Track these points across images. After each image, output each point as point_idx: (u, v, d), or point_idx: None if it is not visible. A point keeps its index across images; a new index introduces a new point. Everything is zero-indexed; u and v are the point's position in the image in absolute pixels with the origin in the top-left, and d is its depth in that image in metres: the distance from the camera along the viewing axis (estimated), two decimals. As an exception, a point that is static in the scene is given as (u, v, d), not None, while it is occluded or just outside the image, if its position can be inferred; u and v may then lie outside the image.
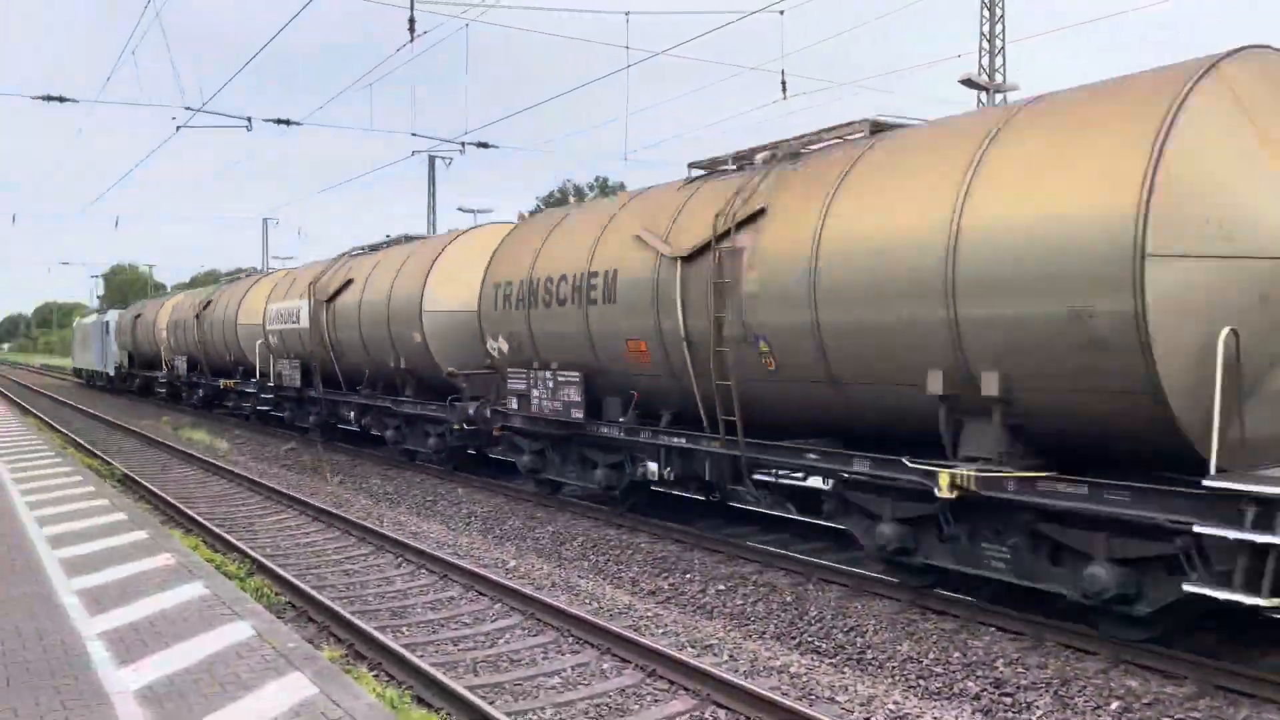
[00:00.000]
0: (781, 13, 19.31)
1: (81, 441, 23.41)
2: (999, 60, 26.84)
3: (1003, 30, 26.98)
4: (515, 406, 14.25)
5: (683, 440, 11.61)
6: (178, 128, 22.44)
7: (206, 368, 31.02)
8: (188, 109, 21.27)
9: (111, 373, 45.95)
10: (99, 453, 21.11)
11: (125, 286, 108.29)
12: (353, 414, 20.97)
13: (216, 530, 12.67)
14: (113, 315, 47.25)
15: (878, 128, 10.04)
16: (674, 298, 11.03)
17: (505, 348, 14.54)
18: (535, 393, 13.64)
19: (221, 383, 29.18)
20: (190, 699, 5.72)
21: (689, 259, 10.86)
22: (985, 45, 26.95)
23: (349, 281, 20.27)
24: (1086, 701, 6.89)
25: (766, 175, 10.56)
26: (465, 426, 15.98)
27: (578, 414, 12.86)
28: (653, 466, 12.06)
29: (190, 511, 14.07)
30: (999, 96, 24.36)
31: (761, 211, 10.11)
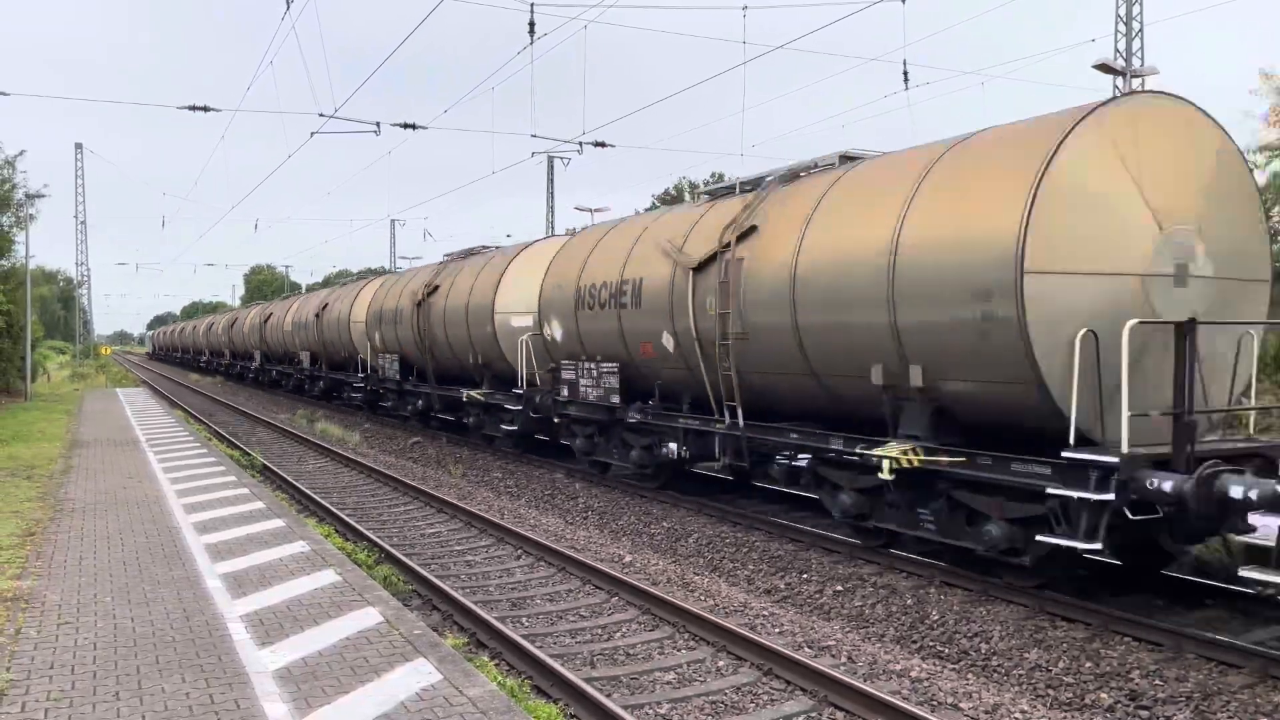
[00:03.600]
0: (904, 1, 18.86)
1: (223, 433, 24.73)
2: (1136, 44, 25.57)
3: (1141, 11, 25.70)
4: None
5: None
6: (311, 134, 23.46)
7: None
8: (321, 115, 22.18)
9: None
10: (240, 444, 22.25)
11: (264, 285, 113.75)
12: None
13: (348, 520, 13.20)
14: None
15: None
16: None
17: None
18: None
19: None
20: (323, 681, 5.97)
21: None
22: (1122, 28, 25.71)
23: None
24: (1231, 718, 6.53)
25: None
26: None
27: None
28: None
29: (324, 501, 14.69)
30: (1137, 81, 23.20)
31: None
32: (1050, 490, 8.23)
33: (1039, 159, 8.41)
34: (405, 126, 23.37)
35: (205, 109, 22.82)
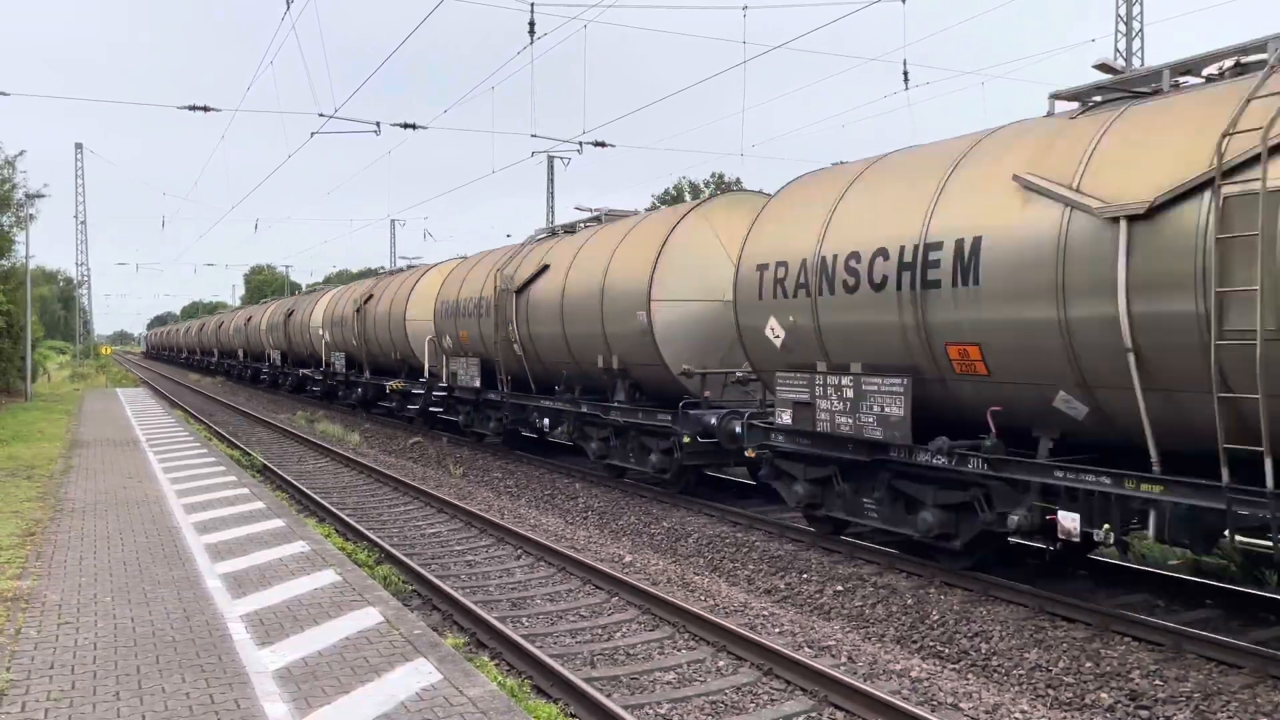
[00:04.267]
0: (904, 1, 18.87)
1: (223, 433, 24.74)
2: (1137, 43, 25.58)
3: (1141, 11, 25.70)
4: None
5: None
6: (311, 134, 23.46)
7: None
8: (321, 115, 22.18)
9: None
10: (240, 444, 22.25)
11: (264, 285, 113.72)
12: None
13: (348, 520, 13.20)
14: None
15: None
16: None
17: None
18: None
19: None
20: (323, 681, 5.97)
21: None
22: (1122, 28, 25.72)
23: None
24: (1231, 718, 6.53)
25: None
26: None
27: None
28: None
29: (324, 501, 14.69)
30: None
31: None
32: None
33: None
34: (405, 126, 23.39)
35: (205, 109, 22.83)
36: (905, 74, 20.05)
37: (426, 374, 23.21)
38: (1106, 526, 7.90)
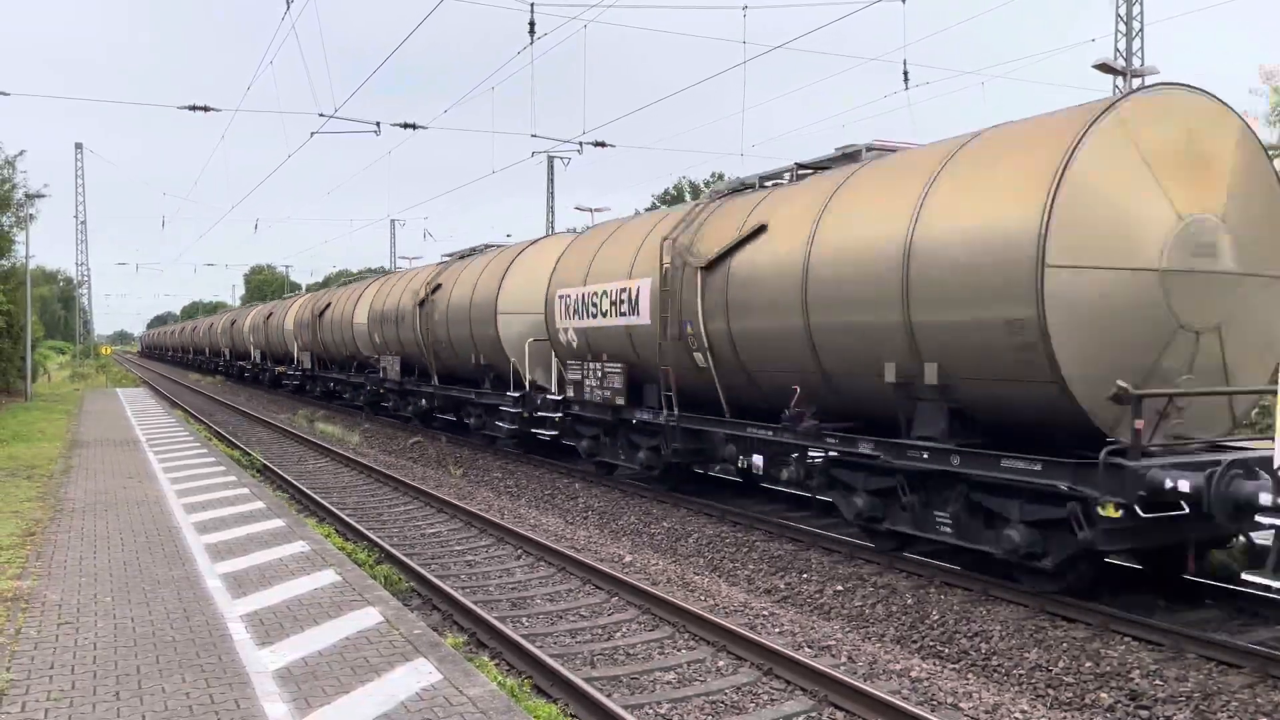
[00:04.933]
0: (904, 1, 18.86)
1: (223, 433, 24.73)
2: (1137, 43, 25.57)
3: (1141, 11, 25.70)
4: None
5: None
6: (311, 134, 23.47)
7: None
8: (321, 115, 22.18)
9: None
10: (240, 444, 22.25)
11: (264, 285, 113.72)
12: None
13: (348, 519, 13.20)
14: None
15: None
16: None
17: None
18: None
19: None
20: (323, 680, 5.97)
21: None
22: (1122, 28, 25.71)
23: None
24: (1231, 717, 6.53)
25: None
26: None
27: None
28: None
29: (324, 501, 14.69)
30: (1136, 81, 23.20)
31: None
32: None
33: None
34: (405, 126, 23.40)
35: (205, 109, 22.83)
36: (905, 74, 20.05)
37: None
38: None
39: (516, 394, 18.66)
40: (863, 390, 10.40)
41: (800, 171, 12.55)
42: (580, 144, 26.31)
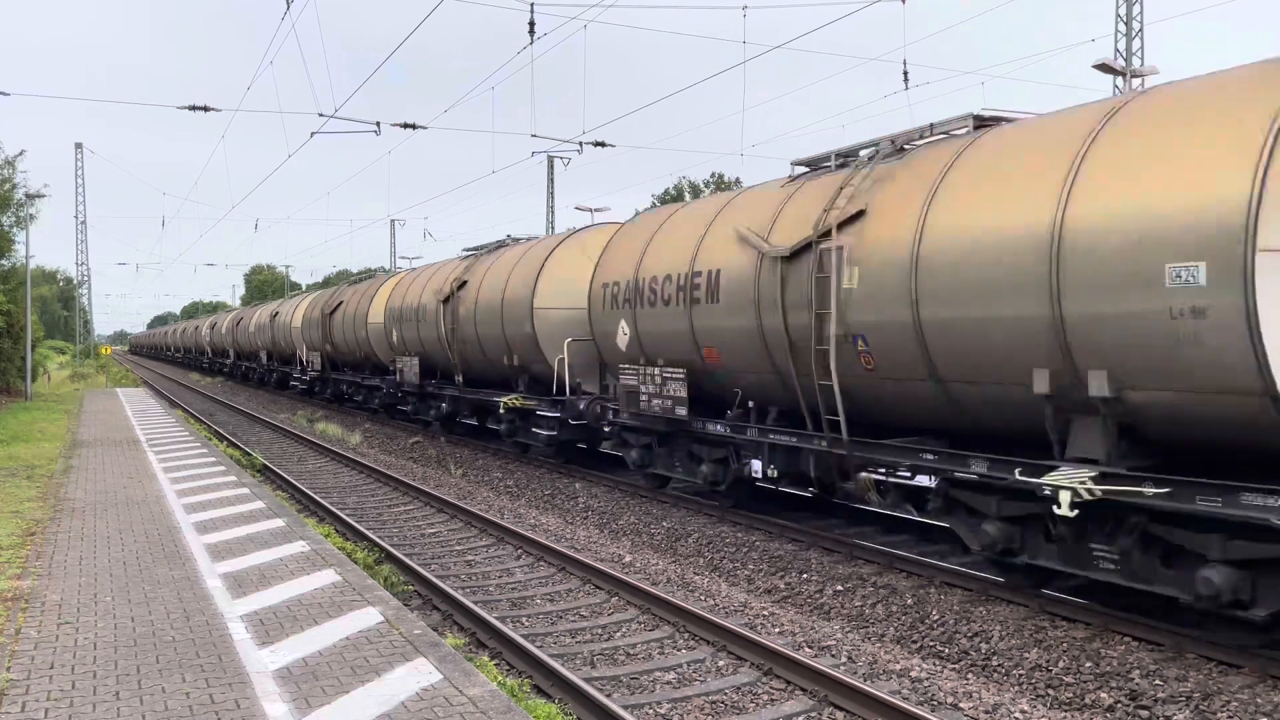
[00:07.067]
0: (903, 1, 18.86)
1: (223, 433, 24.73)
2: (1136, 44, 25.58)
3: (1141, 11, 25.70)
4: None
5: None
6: (311, 134, 23.45)
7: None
8: (321, 115, 22.16)
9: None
10: (240, 444, 22.25)
11: (264, 286, 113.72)
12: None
13: (348, 519, 13.20)
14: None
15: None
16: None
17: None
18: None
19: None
20: (323, 681, 5.97)
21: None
22: (1122, 28, 25.72)
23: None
24: (1231, 717, 6.53)
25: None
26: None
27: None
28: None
29: (324, 501, 14.69)
30: (1136, 81, 23.21)
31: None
32: None
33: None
34: (405, 126, 23.36)
35: (205, 109, 22.81)
36: (905, 74, 20.04)
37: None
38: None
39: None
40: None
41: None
42: (580, 144, 26.29)
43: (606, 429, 15.96)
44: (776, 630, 8.63)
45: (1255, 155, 6.61)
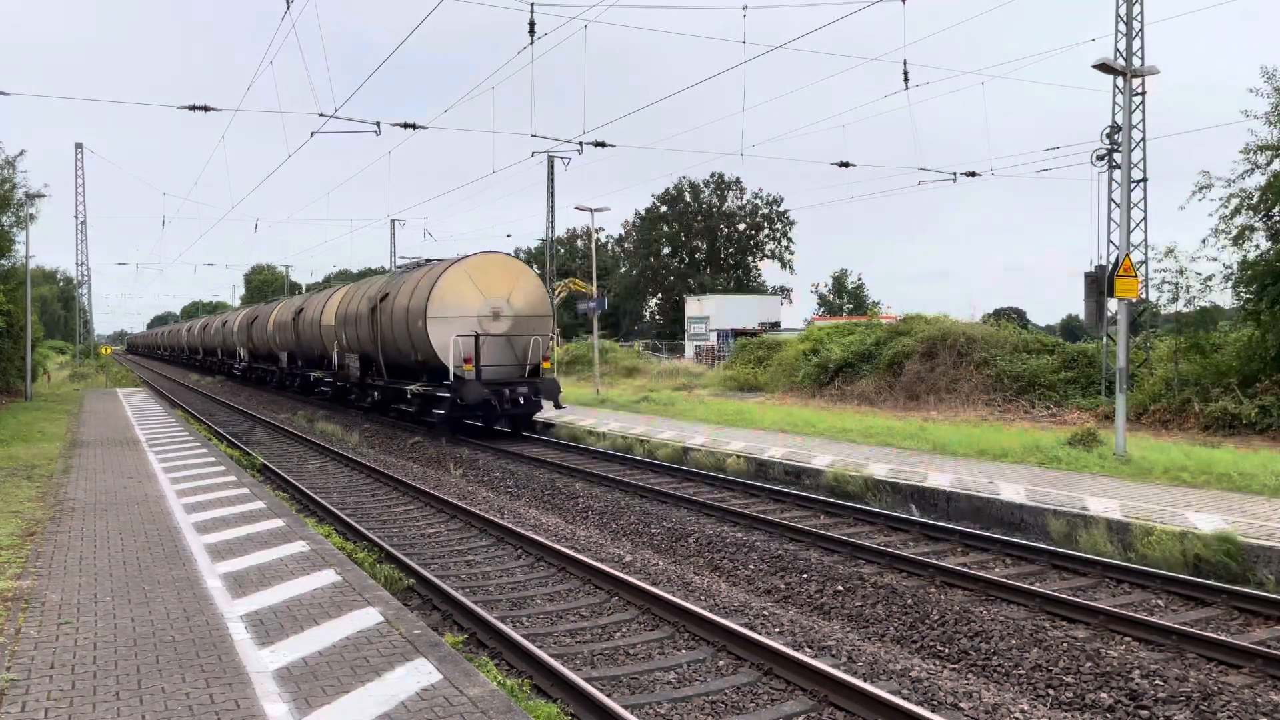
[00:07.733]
0: (904, 1, 18.88)
1: (223, 433, 24.73)
2: (1137, 43, 25.55)
3: (1141, 11, 25.68)
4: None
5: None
6: (311, 134, 23.46)
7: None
8: (321, 115, 22.17)
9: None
10: (240, 444, 22.25)
11: (264, 286, 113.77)
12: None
13: (348, 519, 13.19)
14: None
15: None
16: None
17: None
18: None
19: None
20: (323, 680, 5.97)
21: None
22: (1122, 28, 25.70)
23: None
24: (1231, 717, 6.53)
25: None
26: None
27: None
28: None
29: (324, 501, 14.69)
30: (1137, 81, 23.18)
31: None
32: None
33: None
34: (405, 126, 23.38)
35: (205, 109, 22.81)
36: (905, 74, 20.07)
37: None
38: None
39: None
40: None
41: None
42: (580, 144, 26.29)
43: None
44: (776, 630, 8.63)
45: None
